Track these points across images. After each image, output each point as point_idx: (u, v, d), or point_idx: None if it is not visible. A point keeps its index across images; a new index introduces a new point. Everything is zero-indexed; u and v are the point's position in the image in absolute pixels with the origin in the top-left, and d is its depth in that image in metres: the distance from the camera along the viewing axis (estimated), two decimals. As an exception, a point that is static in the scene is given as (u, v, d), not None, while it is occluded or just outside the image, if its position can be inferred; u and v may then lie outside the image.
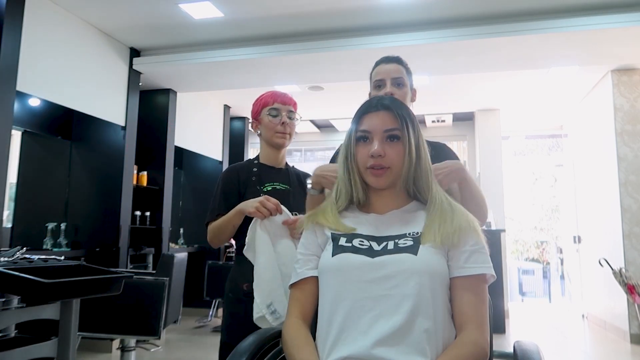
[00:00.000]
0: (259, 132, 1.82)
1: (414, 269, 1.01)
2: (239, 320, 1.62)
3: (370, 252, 1.06)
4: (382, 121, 1.13)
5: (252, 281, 1.53)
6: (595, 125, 5.32)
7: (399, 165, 1.12)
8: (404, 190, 1.16)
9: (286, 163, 1.86)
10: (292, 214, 1.59)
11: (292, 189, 1.78)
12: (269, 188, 1.74)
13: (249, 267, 1.59)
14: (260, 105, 1.80)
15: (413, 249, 1.04)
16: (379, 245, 1.07)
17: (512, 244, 12.16)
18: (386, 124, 1.13)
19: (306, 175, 1.85)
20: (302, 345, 1.04)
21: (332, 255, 1.09)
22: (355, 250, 1.07)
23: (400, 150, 1.12)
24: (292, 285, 1.16)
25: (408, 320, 0.98)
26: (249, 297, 1.54)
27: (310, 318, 1.12)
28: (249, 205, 1.55)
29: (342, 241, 1.11)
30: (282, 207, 1.54)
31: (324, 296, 1.08)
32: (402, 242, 1.06)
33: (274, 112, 1.76)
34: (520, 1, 3.50)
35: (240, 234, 1.64)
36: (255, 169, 1.77)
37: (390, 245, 1.06)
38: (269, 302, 1.48)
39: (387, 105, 1.15)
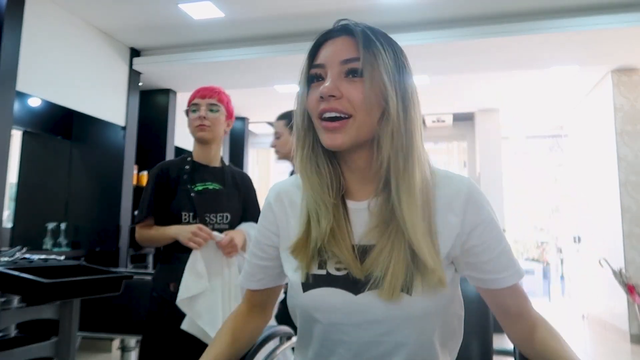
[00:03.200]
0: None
1: (410, 313, 0.76)
2: (160, 322, 1.62)
3: (351, 285, 0.78)
4: (341, 48, 0.78)
5: (179, 281, 1.56)
6: (596, 125, 5.32)
7: (366, 114, 0.75)
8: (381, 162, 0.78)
9: (222, 160, 1.81)
10: (222, 233, 1.62)
11: (225, 189, 1.73)
12: (200, 188, 1.69)
13: (176, 266, 1.61)
14: (187, 105, 1.80)
15: (406, 283, 0.75)
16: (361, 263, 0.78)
17: (512, 244, 12.15)
18: (346, 52, 0.78)
19: (242, 175, 1.82)
20: (213, 342, 0.90)
21: (304, 291, 0.80)
22: (331, 281, 0.79)
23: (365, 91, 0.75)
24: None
25: None
26: (175, 298, 1.55)
27: (263, 304, 0.95)
28: (181, 235, 1.57)
29: (314, 267, 0.80)
30: (213, 232, 1.59)
31: (300, 329, 0.87)
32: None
33: (194, 107, 1.75)
34: (520, 1, 3.50)
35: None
36: (187, 167, 1.72)
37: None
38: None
39: (350, 28, 0.80)
